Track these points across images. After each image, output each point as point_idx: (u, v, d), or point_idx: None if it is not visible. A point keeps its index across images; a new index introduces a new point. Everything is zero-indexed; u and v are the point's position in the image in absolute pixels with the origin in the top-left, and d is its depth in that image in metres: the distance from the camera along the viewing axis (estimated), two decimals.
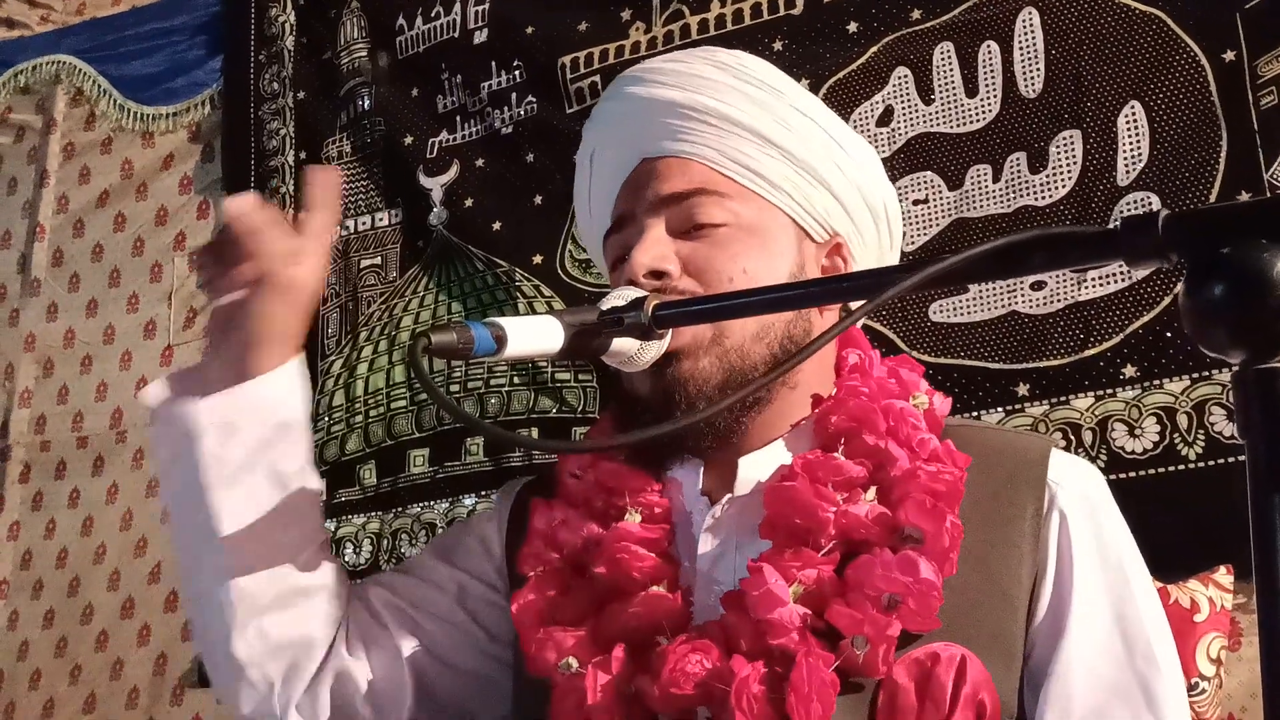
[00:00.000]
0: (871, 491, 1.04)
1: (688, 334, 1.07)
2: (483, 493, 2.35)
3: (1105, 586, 1.05)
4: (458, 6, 2.62)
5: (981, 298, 1.97)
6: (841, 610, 0.98)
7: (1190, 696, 1.41)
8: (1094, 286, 1.89)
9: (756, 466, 1.10)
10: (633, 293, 1.00)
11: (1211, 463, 1.76)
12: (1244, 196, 1.80)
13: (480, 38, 2.58)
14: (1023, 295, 1.94)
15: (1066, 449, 1.83)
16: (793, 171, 1.14)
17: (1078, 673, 1.01)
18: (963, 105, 2.05)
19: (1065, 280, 1.91)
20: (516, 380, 2.36)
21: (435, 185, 2.57)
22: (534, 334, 0.94)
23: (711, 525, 1.09)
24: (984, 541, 1.04)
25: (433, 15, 2.65)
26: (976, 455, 1.06)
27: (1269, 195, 1.78)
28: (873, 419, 1.07)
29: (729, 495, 1.09)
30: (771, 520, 1.04)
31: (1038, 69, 2.00)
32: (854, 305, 1.16)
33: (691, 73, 1.16)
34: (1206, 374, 1.78)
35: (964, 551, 1.01)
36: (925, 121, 2.08)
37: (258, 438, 1.06)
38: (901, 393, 1.11)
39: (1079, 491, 1.08)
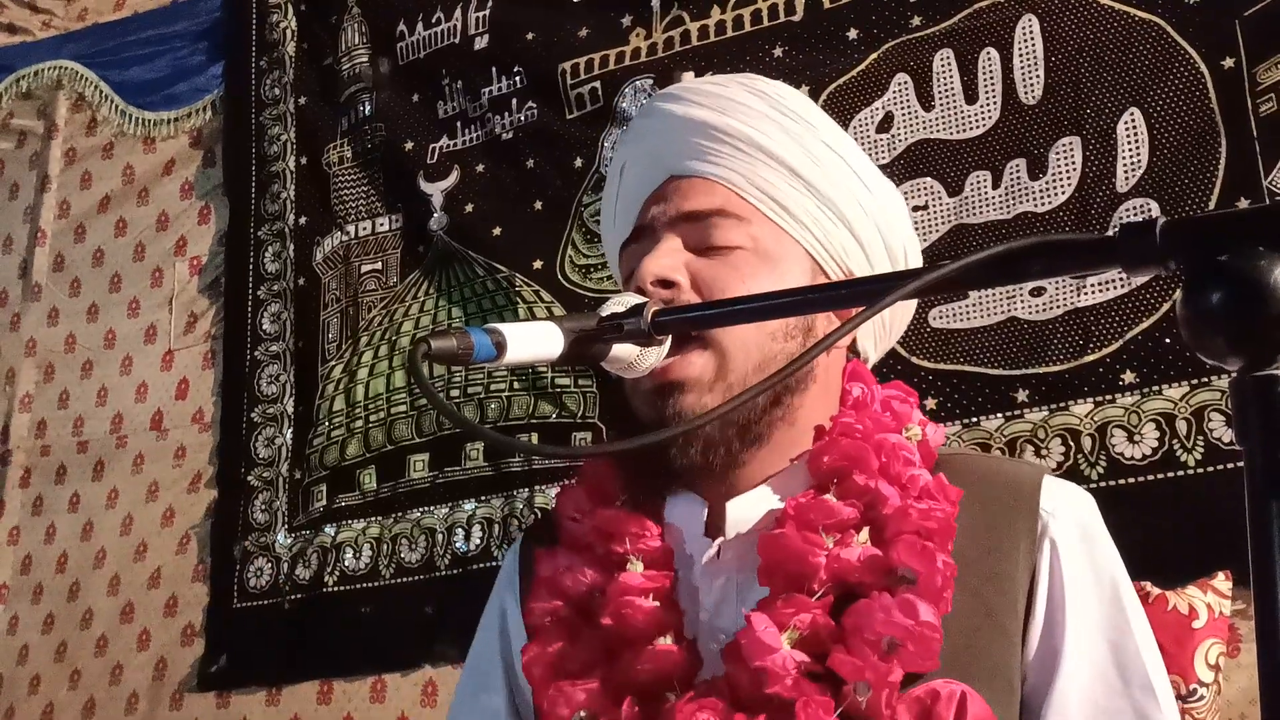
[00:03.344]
0: (864, 532, 1.03)
1: (695, 369, 1.06)
2: (482, 498, 2.35)
3: (1099, 615, 1.05)
4: (458, 12, 2.63)
5: (981, 304, 1.97)
6: (843, 657, 0.98)
7: (1189, 703, 1.41)
8: (1093, 293, 1.89)
9: (743, 510, 1.09)
10: (632, 299, 1.01)
11: (1210, 469, 1.76)
12: (1243, 203, 1.81)
13: (481, 44, 2.59)
14: (1022, 301, 1.94)
15: (1066, 455, 1.84)
16: (815, 206, 1.14)
17: (1073, 702, 1.01)
18: (962, 112, 2.06)
19: (1065, 286, 1.91)
20: (516, 385, 2.36)
21: (436, 190, 2.57)
22: (534, 340, 0.94)
23: (710, 568, 1.09)
24: (978, 574, 1.04)
25: (434, 21, 2.65)
26: (969, 486, 1.06)
27: (1268, 202, 1.78)
28: (865, 458, 1.06)
29: (720, 539, 1.09)
30: (767, 567, 1.04)
31: (1037, 75, 2.01)
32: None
33: (726, 96, 1.16)
34: (1206, 380, 1.78)
35: (959, 585, 1.00)
36: (925, 128, 2.08)
37: None
38: (895, 425, 1.11)
39: (1072, 520, 1.08)
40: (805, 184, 1.14)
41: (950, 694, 0.96)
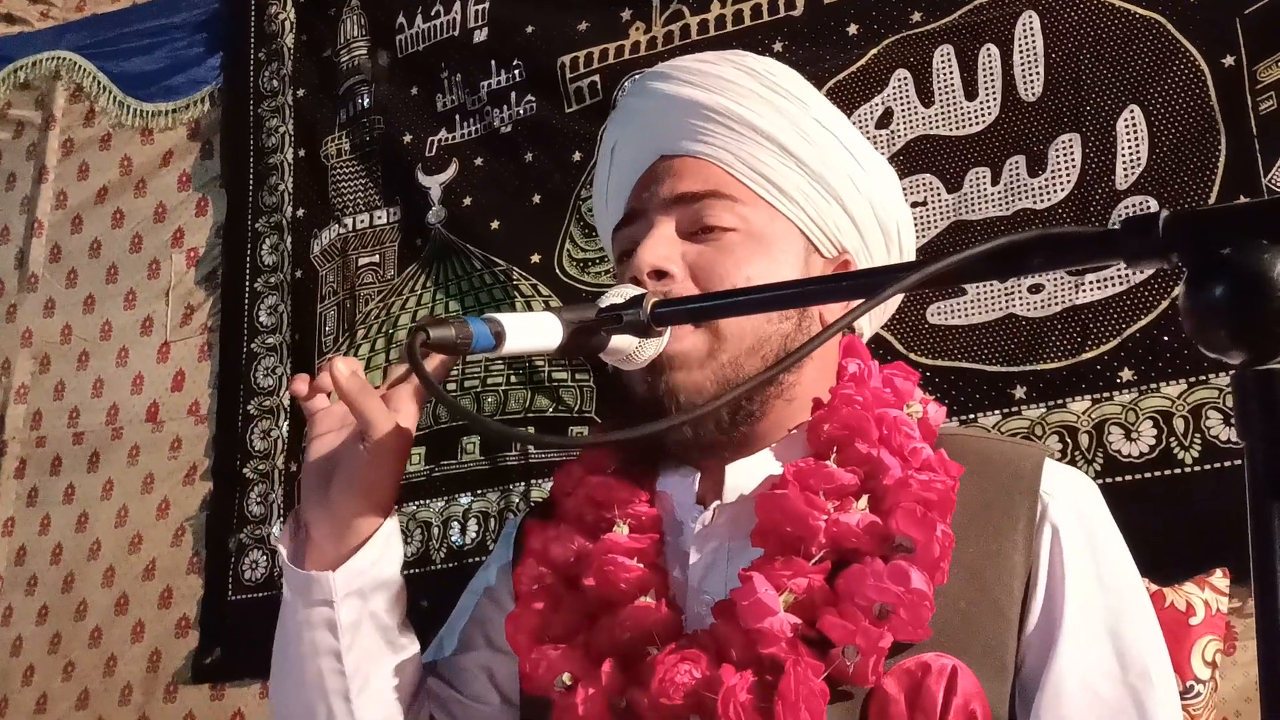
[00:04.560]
0: (863, 500, 1.03)
1: (685, 344, 1.06)
2: (479, 491, 2.35)
3: (1098, 599, 1.04)
4: (458, 5, 2.62)
5: (979, 300, 1.97)
6: (833, 620, 0.97)
7: (1185, 700, 1.40)
8: (1092, 290, 1.89)
9: (743, 474, 1.09)
10: (631, 290, 1.00)
11: (1207, 466, 1.76)
12: (1242, 200, 1.81)
13: (480, 37, 2.58)
14: (1020, 298, 1.94)
15: (1063, 451, 1.84)
16: (807, 184, 1.14)
17: (1070, 686, 1.01)
18: (962, 108, 2.05)
19: (1063, 283, 1.91)
20: (513, 379, 2.36)
21: (434, 184, 2.57)
22: (532, 330, 0.94)
23: (701, 533, 1.09)
24: (976, 552, 1.03)
25: (433, 14, 2.65)
26: (970, 465, 1.06)
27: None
28: (865, 427, 1.06)
29: (717, 503, 1.09)
30: (763, 528, 1.03)
31: (1037, 72, 2.00)
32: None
33: (717, 74, 1.16)
34: (1203, 378, 1.78)
35: (956, 561, 1.00)
36: (925, 124, 2.08)
37: (370, 600, 1.11)
38: (896, 401, 1.10)
39: (1072, 503, 1.07)
40: (797, 161, 1.13)
41: (941, 667, 0.96)
